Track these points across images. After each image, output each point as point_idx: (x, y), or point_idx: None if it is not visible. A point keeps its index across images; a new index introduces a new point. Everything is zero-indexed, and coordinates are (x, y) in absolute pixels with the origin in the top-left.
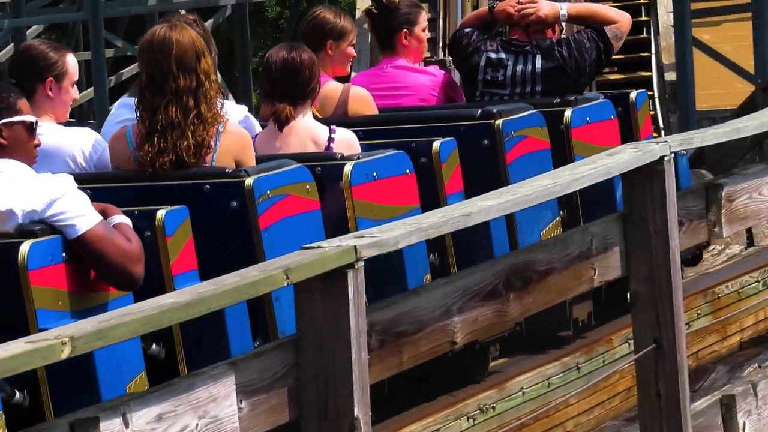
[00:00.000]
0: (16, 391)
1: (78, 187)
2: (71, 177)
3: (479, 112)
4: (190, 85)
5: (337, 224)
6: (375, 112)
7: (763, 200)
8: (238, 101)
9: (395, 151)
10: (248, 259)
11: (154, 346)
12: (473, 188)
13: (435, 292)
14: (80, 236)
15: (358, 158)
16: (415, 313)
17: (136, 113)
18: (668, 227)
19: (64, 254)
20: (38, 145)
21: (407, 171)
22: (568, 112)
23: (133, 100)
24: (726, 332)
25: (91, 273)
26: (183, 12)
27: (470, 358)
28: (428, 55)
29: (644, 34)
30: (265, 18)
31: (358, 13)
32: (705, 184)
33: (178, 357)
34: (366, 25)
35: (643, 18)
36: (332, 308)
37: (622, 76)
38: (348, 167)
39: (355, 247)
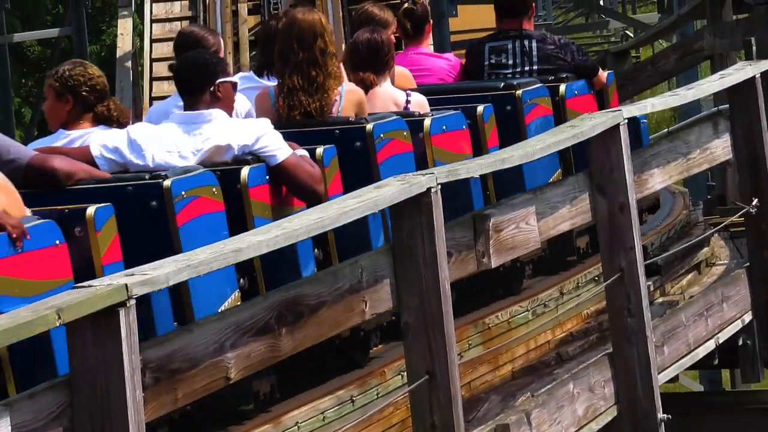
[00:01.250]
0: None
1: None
2: (268, 120)
3: (502, 84)
4: (308, 58)
5: (420, 165)
6: (414, 86)
7: (530, 229)
8: None
9: (456, 111)
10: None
11: None
12: (502, 144)
13: (208, 328)
14: (279, 164)
15: (432, 115)
16: (189, 350)
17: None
18: (437, 258)
19: (267, 177)
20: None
21: (464, 126)
22: (562, 87)
23: (249, 73)
24: (498, 362)
25: (283, 191)
26: None
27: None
28: None
29: None
30: (27, 58)
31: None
32: (473, 215)
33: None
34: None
35: None
36: (105, 347)
37: None
38: (427, 122)
39: (126, 285)
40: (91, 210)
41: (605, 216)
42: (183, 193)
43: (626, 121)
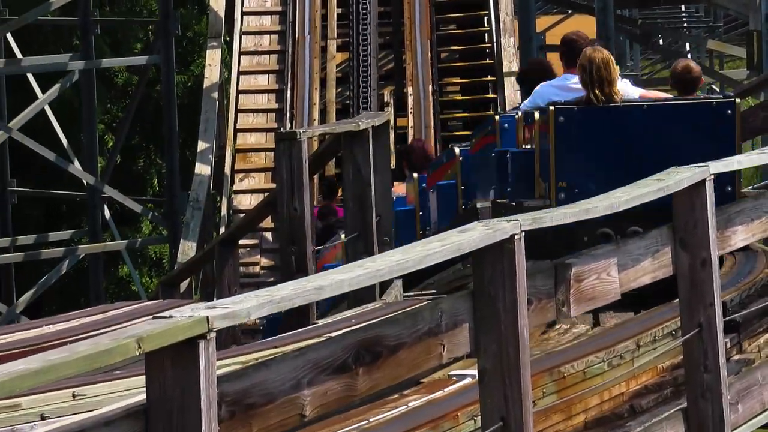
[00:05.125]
0: None
1: None
2: None
3: None
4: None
5: None
6: None
7: (611, 281)
8: (84, 167)
9: None
10: None
11: None
12: None
13: (285, 364)
14: None
15: None
16: (266, 386)
17: None
18: (517, 305)
19: None
20: None
21: None
22: None
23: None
24: (571, 411)
25: None
26: None
27: None
28: (275, 125)
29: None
30: (114, 84)
31: None
32: (555, 264)
33: None
34: None
35: (490, 95)
36: (183, 378)
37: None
38: None
39: (207, 317)
40: None
41: (686, 270)
42: None
43: (712, 176)
